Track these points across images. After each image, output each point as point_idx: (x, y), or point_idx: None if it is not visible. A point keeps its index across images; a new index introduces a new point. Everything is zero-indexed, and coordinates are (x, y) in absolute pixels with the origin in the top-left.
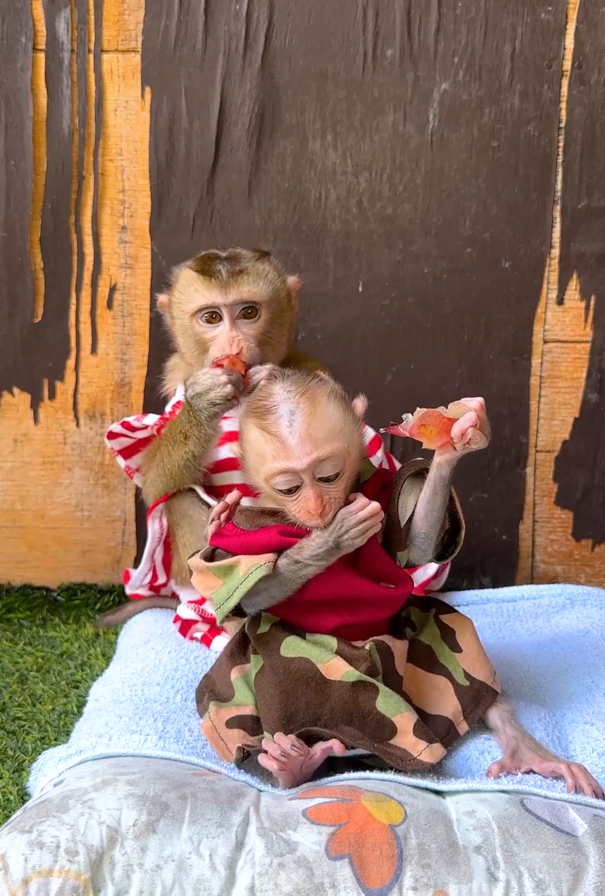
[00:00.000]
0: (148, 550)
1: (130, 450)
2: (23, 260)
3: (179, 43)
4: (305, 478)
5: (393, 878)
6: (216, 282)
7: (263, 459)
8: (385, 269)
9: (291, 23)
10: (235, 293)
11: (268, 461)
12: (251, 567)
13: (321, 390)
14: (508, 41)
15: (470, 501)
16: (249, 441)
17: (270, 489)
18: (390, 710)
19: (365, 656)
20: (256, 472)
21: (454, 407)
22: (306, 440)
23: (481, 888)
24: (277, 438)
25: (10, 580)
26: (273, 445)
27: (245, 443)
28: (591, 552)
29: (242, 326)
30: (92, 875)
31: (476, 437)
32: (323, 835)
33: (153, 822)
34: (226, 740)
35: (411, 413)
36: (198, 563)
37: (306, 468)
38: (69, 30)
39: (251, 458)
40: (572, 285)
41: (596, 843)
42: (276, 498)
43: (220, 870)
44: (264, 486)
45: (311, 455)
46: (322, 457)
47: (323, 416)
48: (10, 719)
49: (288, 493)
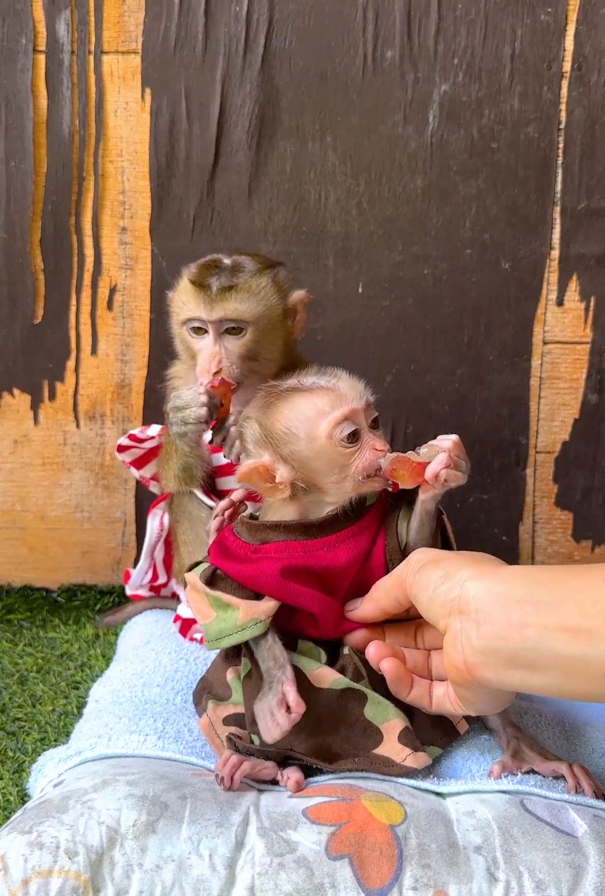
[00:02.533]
0: (147, 548)
1: (141, 460)
2: (23, 261)
3: (180, 44)
4: (362, 422)
5: (393, 878)
6: (204, 297)
7: (321, 415)
8: (385, 270)
9: (291, 24)
10: (220, 311)
11: (327, 413)
12: (250, 621)
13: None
14: (508, 42)
15: (470, 502)
16: (297, 411)
17: (333, 450)
18: (378, 718)
19: (349, 662)
20: (314, 439)
21: (427, 449)
22: (352, 387)
23: (481, 888)
24: (329, 390)
25: (10, 581)
26: (329, 396)
27: (290, 417)
28: (591, 553)
29: (226, 342)
30: (92, 875)
31: (451, 477)
32: (323, 834)
33: (153, 822)
34: (222, 737)
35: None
36: (195, 582)
37: (365, 408)
38: (69, 31)
39: (305, 428)
40: (571, 286)
41: (596, 843)
42: (339, 457)
43: (220, 870)
44: (327, 451)
45: (363, 397)
46: (372, 403)
47: (347, 375)
48: (10, 720)
49: (351, 442)
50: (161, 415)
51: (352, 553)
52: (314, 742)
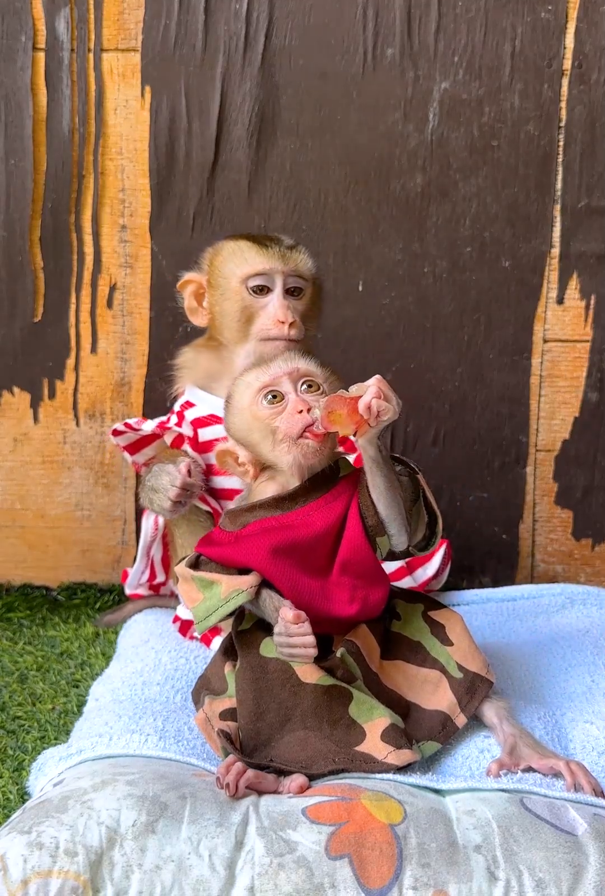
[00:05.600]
0: (142, 548)
1: (135, 445)
2: (23, 259)
3: (179, 42)
4: (289, 387)
5: (393, 878)
6: (273, 250)
7: (247, 387)
8: (385, 268)
9: (291, 22)
10: (292, 263)
11: (252, 384)
12: (233, 591)
13: None
14: (508, 40)
15: (470, 501)
16: (233, 393)
17: (257, 414)
18: (362, 717)
19: (338, 665)
20: (242, 409)
21: (355, 388)
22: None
23: (481, 887)
24: (256, 366)
25: (10, 579)
26: (255, 371)
27: (231, 400)
28: (591, 552)
29: (289, 301)
30: (91, 876)
31: (384, 407)
32: (323, 834)
33: (152, 822)
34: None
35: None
36: (183, 572)
37: (289, 372)
38: (69, 29)
39: (236, 403)
40: (572, 285)
41: (596, 842)
42: (265, 426)
43: (219, 870)
44: (253, 414)
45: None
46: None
47: None
48: (10, 719)
49: (272, 404)
50: (163, 412)
51: (327, 520)
52: (296, 736)
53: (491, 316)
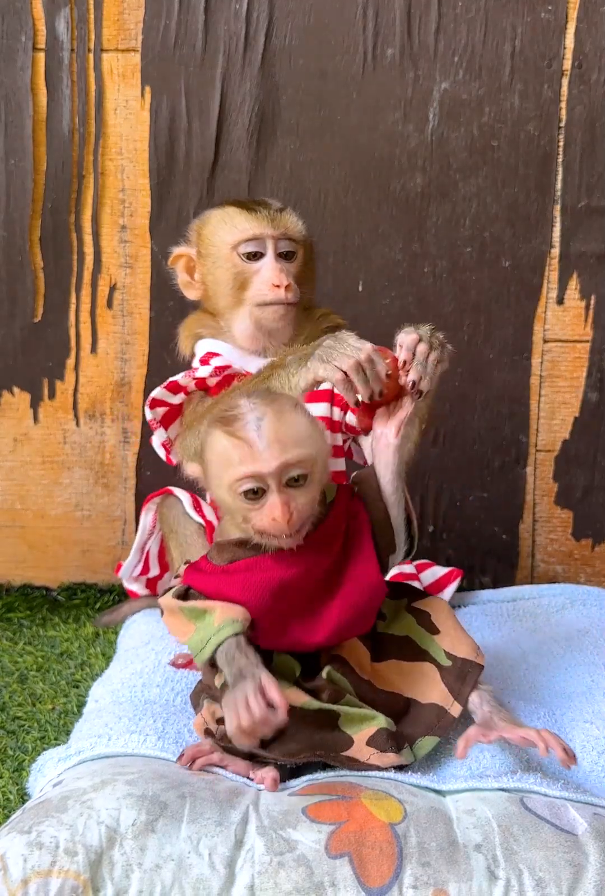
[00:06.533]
0: (137, 543)
1: (168, 416)
2: (23, 259)
3: (179, 42)
4: (272, 483)
5: (393, 877)
6: (262, 215)
7: (228, 464)
8: (385, 268)
9: (291, 22)
10: (283, 227)
11: (234, 465)
12: (227, 620)
13: (288, 401)
14: (508, 40)
15: (470, 501)
16: (214, 449)
17: (233, 498)
18: (351, 729)
19: (324, 686)
20: (219, 482)
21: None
22: (275, 443)
23: (481, 887)
24: (245, 442)
25: (10, 580)
26: (240, 450)
27: (209, 452)
28: (591, 552)
29: (281, 264)
30: (91, 875)
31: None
32: (323, 833)
33: (152, 821)
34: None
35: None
36: (169, 603)
37: (275, 471)
38: (69, 29)
39: (215, 468)
40: (572, 285)
41: (596, 841)
42: (239, 509)
43: (219, 869)
44: (228, 496)
45: (279, 458)
46: (291, 461)
47: (291, 422)
48: (10, 719)
49: (253, 499)
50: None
51: (324, 560)
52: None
53: (491, 316)
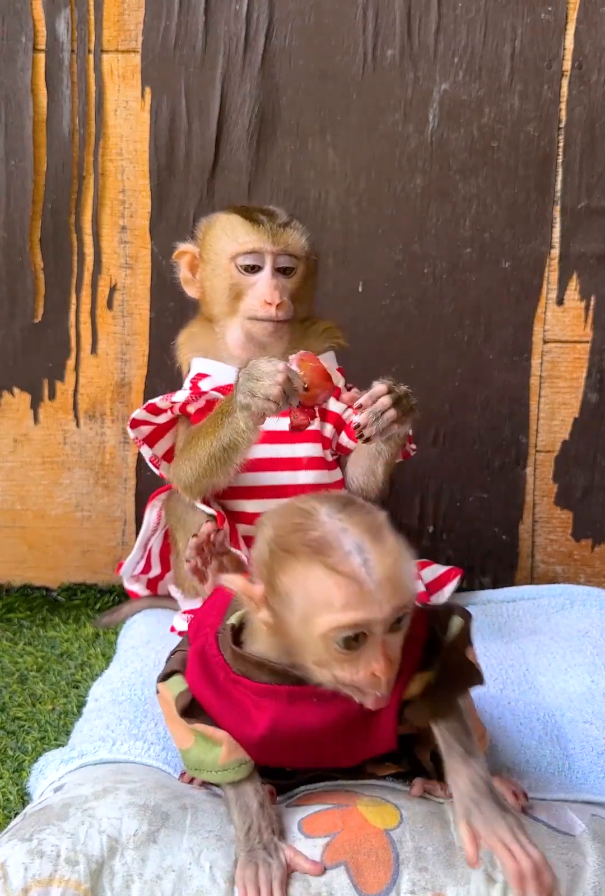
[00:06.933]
0: (140, 540)
1: (154, 436)
2: (23, 260)
3: (179, 43)
4: (377, 630)
5: (390, 883)
6: (264, 228)
7: (327, 607)
8: (385, 269)
9: (291, 23)
10: (282, 243)
11: (336, 609)
12: (234, 762)
13: (379, 517)
14: (508, 41)
15: (470, 501)
16: (305, 584)
17: (325, 647)
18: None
19: None
20: (306, 622)
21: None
22: (386, 582)
23: (479, 890)
24: (352, 580)
25: (10, 580)
26: (347, 590)
27: (292, 583)
28: (591, 552)
29: (279, 279)
30: (92, 885)
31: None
32: (318, 847)
33: (154, 832)
34: None
35: None
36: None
37: (389, 617)
38: (69, 30)
39: (303, 606)
40: (572, 285)
41: (594, 842)
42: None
43: (220, 882)
44: (317, 642)
45: (391, 601)
46: (404, 603)
47: (394, 551)
48: (10, 719)
49: (352, 648)
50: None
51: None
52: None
53: (491, 316)
